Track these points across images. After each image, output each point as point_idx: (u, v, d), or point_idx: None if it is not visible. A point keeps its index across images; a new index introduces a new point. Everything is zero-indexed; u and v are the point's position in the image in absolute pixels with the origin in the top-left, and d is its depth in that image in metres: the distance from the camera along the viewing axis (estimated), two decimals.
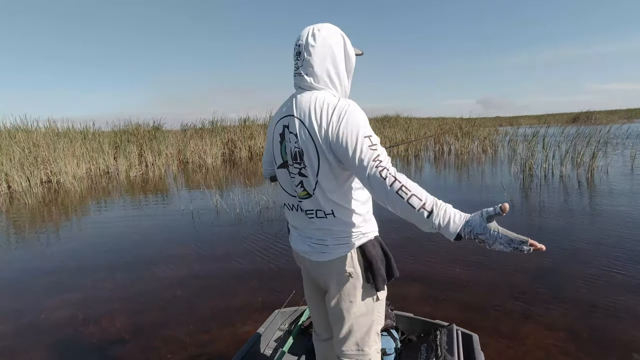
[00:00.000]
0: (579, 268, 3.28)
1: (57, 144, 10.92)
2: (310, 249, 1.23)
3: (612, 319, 2.47)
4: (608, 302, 2.66)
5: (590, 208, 5.24)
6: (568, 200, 5.72)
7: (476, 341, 1.76)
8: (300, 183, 1.15)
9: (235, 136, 16.18)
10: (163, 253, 4.26)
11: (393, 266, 1.22)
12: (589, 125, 11.89)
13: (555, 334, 2.33)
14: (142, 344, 2.47)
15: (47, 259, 4.29)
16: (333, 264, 1.19)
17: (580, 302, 2.70)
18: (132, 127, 14.35)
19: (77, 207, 7.16)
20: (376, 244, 1.21)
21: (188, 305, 3.00)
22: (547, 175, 7.86)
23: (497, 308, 2.68)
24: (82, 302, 3.12)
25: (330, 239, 1.18)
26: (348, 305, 1.22)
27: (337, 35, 1.13)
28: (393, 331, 1.89)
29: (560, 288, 2.94)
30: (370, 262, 1.18)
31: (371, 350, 1.28)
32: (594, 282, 3.00)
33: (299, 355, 1.97)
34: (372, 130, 1.02)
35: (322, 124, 1.05)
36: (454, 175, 8.95)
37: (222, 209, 6.00)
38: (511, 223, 4.69)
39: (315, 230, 1.20)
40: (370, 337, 1.28)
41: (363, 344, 1.27)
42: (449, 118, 21.70)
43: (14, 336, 2.66)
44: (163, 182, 10.22)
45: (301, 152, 1.10)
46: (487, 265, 3.43)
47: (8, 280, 3.75)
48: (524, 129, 15.27)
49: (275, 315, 2.14)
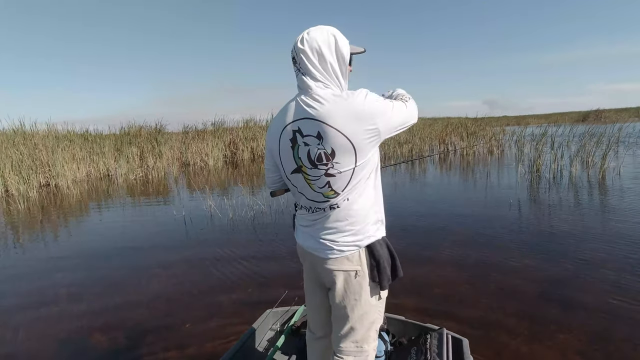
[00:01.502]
0: (591, 279, 3.02)
1: (56, 147, 10.83)
2: (319, 245, 1.25)
3: (630, 341, 2.22)
4: (626, 317, 2.41)
5: (603, 212, 4.94)
6: (579, 204, 5.43)
7: (466, 345, 1.76)
8: (328, 184, 1.16)
9: (237, 138, 16.02)
10: (150, 260, 4.08)
11: (398, 266, 1.25)
12: (599, 124, 11.50)
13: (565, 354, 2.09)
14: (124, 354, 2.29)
15: (30, 267, 4.12)
16: (341, 262, 1.23)
17: (594, 319, 2.44)
18: (135, 130, 14.26)
19: (69, 212, 7.01)
20: (383, 244, 1.24)
21: (177, 307, 2.96)
22: (556, 177, 7.56)
23: (497, 320, 2.44)
24: (59, 316, 2.94)
25: (341, 236, 1.21)
26: (353, 303, 1.26)
27: (327, 36, 1.14)
28: (384, 333, 1.89)
29: (570, 301, 2.68)
30: (377, 261, 1.21)
31: (369, 347, 1.33)
32: (609, 295, 2.74)
33: (289, 355, 1.97)
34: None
35: (348, 117, 1.08)
36: (459, 177, 8.67)
37: (222, 211, 5.81)
38: (519, 229, 4.42)
39: (327, 227, 1.23)
40: (371, 335, 1.32)
41: (363, 341, 1.30)
42: (455, 118, 21.34)
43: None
44: (163, 185, 10.08)
45: (328, 152, 1.11)
46: (490, 273, 3.19)
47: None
48: (532, 129, 14.90)
49: (267, 315, 2.15)
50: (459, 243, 4.06)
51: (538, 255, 3.58)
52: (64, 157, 10.82)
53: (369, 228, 1.21)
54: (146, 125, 14.74)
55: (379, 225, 1.25)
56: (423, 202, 6.19)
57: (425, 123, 19.54)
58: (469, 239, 4.18)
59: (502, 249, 3.80)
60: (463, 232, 4.44)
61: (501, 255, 3.63)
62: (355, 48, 1.21)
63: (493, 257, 3.61)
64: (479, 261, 3.53)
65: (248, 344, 1.91)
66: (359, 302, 1.25)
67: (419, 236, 4.39)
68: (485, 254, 3.70)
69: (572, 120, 24.46)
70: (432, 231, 4.55)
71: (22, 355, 2.49)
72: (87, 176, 11.87)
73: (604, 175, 7.27)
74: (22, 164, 9.57)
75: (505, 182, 7.43)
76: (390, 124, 1.14)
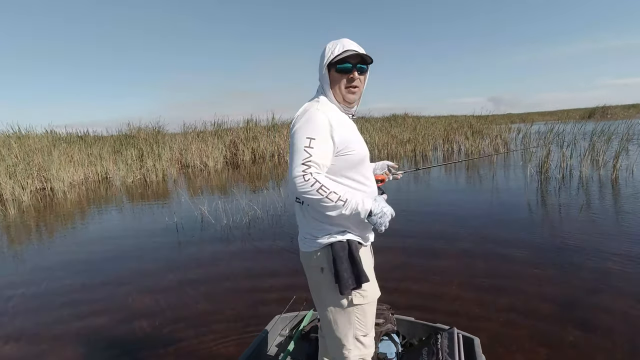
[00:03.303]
0: (610, 294, 2.74)
1: (52, 149, 10.64)
2: (299, 239, 1.38)
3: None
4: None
5: (619, 216, 4.65)
6: (592, 206, 5.13)
7: (477, 344, 1.74)
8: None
9: (238, 138, 15.78)
10: (132, 274, 3.84)
11: (358, 274, 1.24)
12: (606, 121, 11.10)
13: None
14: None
15: (13, 277, 3.89)
16: (310, 257, 1.32)
17: (616, 336, 2.17)
18: (134, 131, 14.06)
19: (58, 218, 6.80)
20: (346, 246, 1.26)
21: (184, 314, 2.91)
22: (566, 177, 7.25)
23: (510, 340, 2.17)
24: (33, 334, 2.70)
25: (309, 231, 1.30)
26: (322, 298, 1.33)
27: (322, 51, 1.32)
28: (394, 335, 1.88)
29: (587, 321, 2.41)
30: (335, 262, 1.24)
31: (350, 354, 1.33)
32: (629, 311, 2.47)
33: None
34: (319, 133, 1.19)
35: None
36: (464, 177, 8.38)
37: (221, 213, 5.57)
38: (530, 239, 4.13)
39: (301, 222, 1.35)
40: (349, 341, 1.32)
41: (342, 347, 1.34)
42: (460, 116, 21.00)
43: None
44: (161, 188, 9.86)
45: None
46: (499, 287, 2.92)
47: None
48: (538, 126, 14.53)
49: (275, 320, 2.14)
50: (465, 251, 3.81)
51: (551, 266, 3.31)
52: (60, 160, 10.64)
53: (331, 228, 1.27)
54: (145, 127, 14.57)
55: (344, 228, 1.28)
56: (427, 205, 5.90)
57: (429, 121, 19.21)
58: (477, 247, 3.92)
59: (513, 260, 3.53)
60: (470, 238, 4.17)
61: (511, 266, 3.37)
62: (335, 49, 1.28)
63: (502, 268, 3.34)
64: (488, 274, 3.26)
65: (258, 350, 1.89)
66: (326, 299, 1.31)
67: (422, 244, 4.10)
68: (494, 264, 3.45)
69: (578, 117, 23.99)
70: (437, 238, 4.26)
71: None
72: (85, 179, 11.70)
73: (617, 175, 6.94)
74: (17, 167, 9.39)
75: (512, 183, 7.13)
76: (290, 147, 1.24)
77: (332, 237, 1.26)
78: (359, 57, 1.27)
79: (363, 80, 1.33)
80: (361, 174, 1.32)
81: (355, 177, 1.30)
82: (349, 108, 1.36)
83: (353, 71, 1.27)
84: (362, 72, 1.30)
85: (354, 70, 1.27)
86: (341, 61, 1.26)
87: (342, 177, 1.28)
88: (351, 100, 1.32)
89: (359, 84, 1.31)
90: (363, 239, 1.33)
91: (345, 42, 1.28)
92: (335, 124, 1.22)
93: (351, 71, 1.27)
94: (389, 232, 1.31)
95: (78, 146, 12.12)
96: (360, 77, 1.30)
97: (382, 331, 1.85)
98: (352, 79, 1.28)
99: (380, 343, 1.84)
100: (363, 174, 1.32)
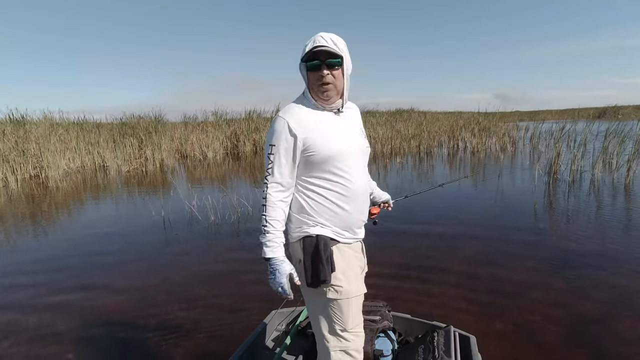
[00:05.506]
0: (628, 315, 2.47)
1: (48, 136, 10.43)
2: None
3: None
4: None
5: (636, 225, 4.34)
6: (605, 213, 4.82)
7: (474, 343, 1.74)
8: None
9: (240, 129, 15.51)
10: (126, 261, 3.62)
11: (319, 270, 1.24)
12: (617, 121, 10.68)
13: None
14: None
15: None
16: (292, 248, 1.36)
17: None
18: (134, 120, 13.80)
19: (48, 208, 6.60)
20: (314, 242, 1.27)
21: (175, 306, 2.87)
22: (577, 180, 6.92)
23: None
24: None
25: (289, 223, 1.34)
26: (302, 289, 1.34)
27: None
28: (390, 332, 1.89)
29: (601, 343, 2.14)
30: (304, 255, 1.28)
31: (329, 345, 1.34)
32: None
33: (296, 355, 1.95)
34: (278, 140, 1.24)
35: None
36: (470, 177, 8.07)
37: (218, 209, 5.34)
38: (539, 247, 3.84)
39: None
40: (327, 333, 1.34)
41: (321, 336, 1.35)
42: (466, 112, 20.56)
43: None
44: (157, 178, 9.65)
45: None
46: (504, 303, 2.65)
47: None
48: (548, 125, 14.11)
49: (272, 315, 2.13)
50: (466, 252, 3.60)
51: (553, 272, 3.03)
52: (56, 147, 10.43)
53: (305, 222, 1.30)
54: (145, 115, 14.31)
55: (317, 223, 1.30)
56: (429, 209, 5.61)
57: (434, 117, 18.83)
58: (478, 249, 3.70)
59: (519, 271, 3.25)
60: (474, 246, 3.89)
61: (513, 271, 3.11)
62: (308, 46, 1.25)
63: (507, 280, 3.07)
64: (488, 274, 3.01)
65: (254, 345, 1.89)
66: (305, 290, 1.34)
67: (422, 251, 3.83)
68: (495, 264, 3.30)
69: (588, 116, 23.44)
70: (438, 246, 3.96)
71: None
72: (82, 167, 11.50)
73: (632, 180, 6.59)
74: (10, 154, 9.20)
75: (520, 185, 6.82)
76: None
77: (304, 231, 1.30)
78: (328, 53, 1.22)
79: (337, 75, 1.26)
80: (336, 168, 1.28)
81: (325, 175, 1.28)
82: (327, 104, 1.31)
83: (322, 67, 1.23)
84: (332, 67, 1.24)
85: (322, 67, 1.23)
86: (310, 58, 1.24)
87: (312, 177, 1.29)
88: (326, 97, 1.28)
89: (330, 79, 1.25)
90: (339, 235, 1.32)
91: (317, 37, 1.24)
92: (296, 126, 1.23)
93: (320, 68, 1.23)
94: (389, 232, 1.15)
95: (76, 132, 11.91)
96: (332, 72, 1.24)
97: (379, 328, 1.86)
98: (321, 76, 1.24)
99: (377, 340, 1.84)
100: (339, 167, 1.28)
